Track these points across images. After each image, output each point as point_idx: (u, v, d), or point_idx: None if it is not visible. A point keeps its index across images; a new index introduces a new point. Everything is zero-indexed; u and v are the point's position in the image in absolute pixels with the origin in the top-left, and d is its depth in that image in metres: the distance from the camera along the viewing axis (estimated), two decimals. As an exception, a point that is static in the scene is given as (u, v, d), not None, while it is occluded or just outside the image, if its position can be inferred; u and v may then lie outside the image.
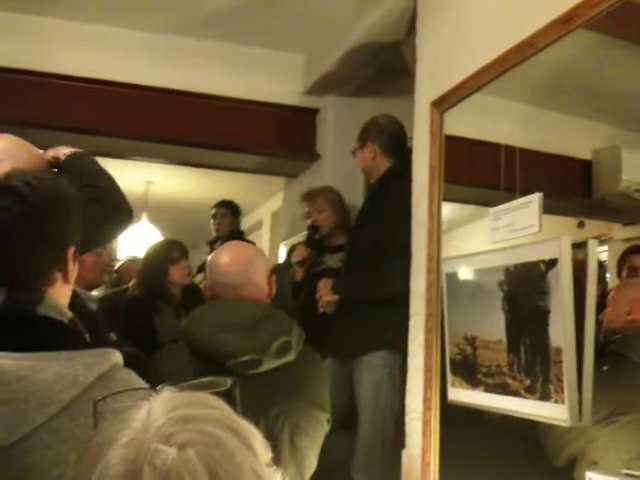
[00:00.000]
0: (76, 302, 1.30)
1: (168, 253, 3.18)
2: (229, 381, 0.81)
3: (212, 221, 4.34)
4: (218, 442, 0.65)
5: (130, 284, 3.32)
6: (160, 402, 0.69)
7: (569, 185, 2.26)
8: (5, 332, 1.06)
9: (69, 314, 1.17)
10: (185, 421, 0.66)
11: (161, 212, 6.10)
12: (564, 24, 1.64)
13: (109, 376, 1.05)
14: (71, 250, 1.20)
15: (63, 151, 1.85)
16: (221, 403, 0.72)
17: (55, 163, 1.82)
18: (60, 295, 1.18)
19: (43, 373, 0.99)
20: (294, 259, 3.23)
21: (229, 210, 4.33)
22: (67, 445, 0.96)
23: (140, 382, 1.07)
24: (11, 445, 0.94)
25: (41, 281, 1.14)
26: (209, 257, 1.91)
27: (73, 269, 1.21)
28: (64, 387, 0.99)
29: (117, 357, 1.10)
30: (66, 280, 1.19)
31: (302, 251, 3.20)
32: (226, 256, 1.86)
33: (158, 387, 0.76)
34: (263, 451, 0.70)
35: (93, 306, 2.48)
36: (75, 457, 0.69)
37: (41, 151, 1.81)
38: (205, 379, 0.80)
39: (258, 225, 6.57)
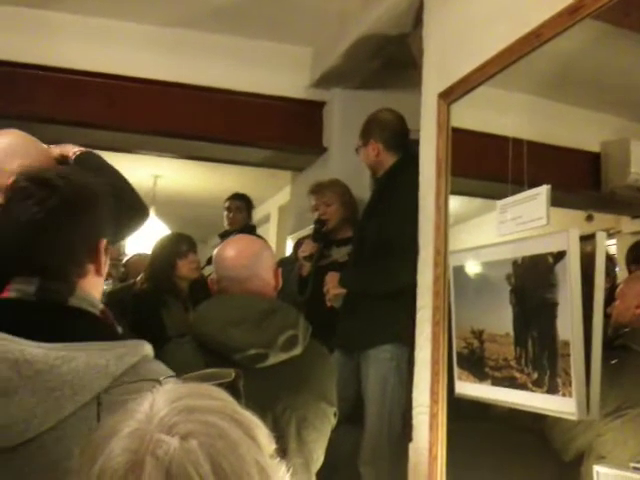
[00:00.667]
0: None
1: (176, 247, 3.17)
2: (232, 373, 0.81)
3: (225, 213, 4.25)
4: (221, 433, 0.65)
5: (138, 278, 3.32)
6: (163, 393, 0.69)
7: (577, 178, 2.24)
8: (37, 322, 1.07)
9: (100, 306, 1.18)
10: (188, 411, 0.66)
11: (169, 206, 6.10)
12: (571, 14, 1.63)
13: (138, 367, 1.06)
14: (103, 242, 1.22)
15: (72, 149, 1.84)
16: (224, 394, 0.72)
17: (63, 161, 1.82)
18: (92, 287, 1.19)
19: (73, 363, 1.00)
20: (301, 254, 3.21)
21: (244, 203, 4.25)
22: None
23: (169, 373, 1.08)
24: (42, 433, 0.96)
25: (74, 272, 1.16)
26: (215, 251, 1.91)
27: (105, 261, 1.23)
28: (94, 377, 1.00)
29: (147, 348, 1.11)
30: (98, 272, 1.21)
31: (309, 246, 3.19)
32: (232, 250, 1.86)
33: (162, 379, 0.76)
34: (267, 442, 0.70)
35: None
36: (79, 449, 0.69)
37: (46, 146, 1.81)
38: (208, 370, 0.80)
39: (265, 219, 6.55)
